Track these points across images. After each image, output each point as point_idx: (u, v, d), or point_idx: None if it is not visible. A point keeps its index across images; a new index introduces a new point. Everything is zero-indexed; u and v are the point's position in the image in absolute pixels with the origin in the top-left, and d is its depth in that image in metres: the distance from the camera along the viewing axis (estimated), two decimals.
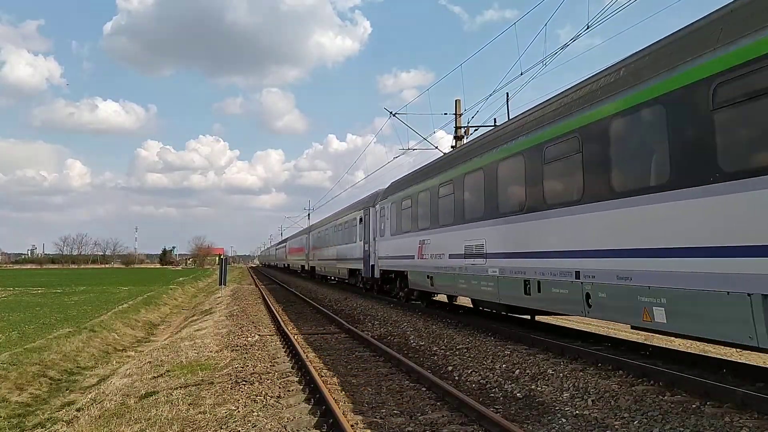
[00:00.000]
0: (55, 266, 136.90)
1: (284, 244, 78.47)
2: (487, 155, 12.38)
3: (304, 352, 10.75)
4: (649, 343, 10.70)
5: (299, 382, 8.57)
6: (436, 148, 24.75)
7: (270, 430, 6.35)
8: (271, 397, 7.76)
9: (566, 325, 13.16)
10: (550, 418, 6.53)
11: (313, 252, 44.55)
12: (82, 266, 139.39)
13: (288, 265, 71.21)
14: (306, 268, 49.57)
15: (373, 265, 23.30)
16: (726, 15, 6.46)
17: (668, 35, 7.50)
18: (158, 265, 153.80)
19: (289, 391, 8.10)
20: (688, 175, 6.63)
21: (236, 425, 6.59)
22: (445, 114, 24.51)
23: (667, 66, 7.07)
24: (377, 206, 22.72)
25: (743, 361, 9.03)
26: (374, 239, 23.04)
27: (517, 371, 8.86)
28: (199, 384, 9.04)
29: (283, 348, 11.99)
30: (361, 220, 25.71)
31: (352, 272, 28.39)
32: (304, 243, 51.38)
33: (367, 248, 24.39)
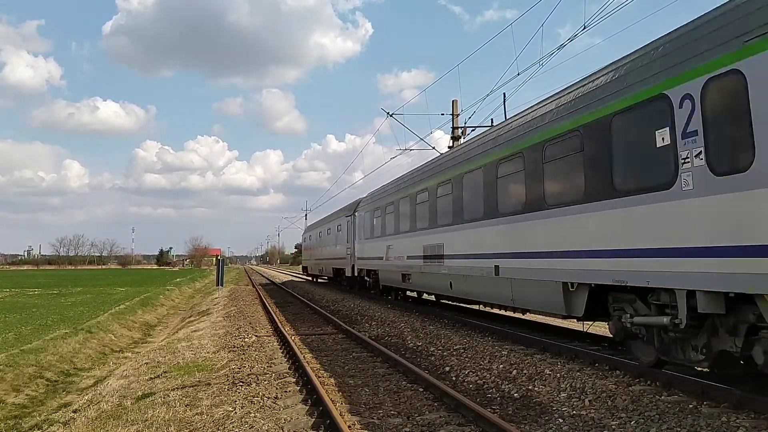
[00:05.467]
0: (52, 267, 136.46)
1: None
2: (433, 178, 15.46)
3: (301, 353, 10.74)
4: None
5: (296, 383, 8.57)
6: (433, 148, 24.90)
7: (267, 431, 6.34)
8: (269, 398, 7.75)
9: (565, 325, 13.17)
10: (547, 418, 6.53)
11: (305, 252, 47.88)
12: (79, 267, 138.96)
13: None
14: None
15: (353, 265, 26.52)
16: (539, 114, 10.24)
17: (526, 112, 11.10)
18: (155, 266, 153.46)
19: (286, 392, 8.10)
20: (533, 205, 10.06)
21: (233, 426, 6.58)
22: (443, 114, 24.61)
23: (525, 131, 10.50)
24: (356, 214, 26.11)
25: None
26: (354, 242, 26.23)
27: (515, 371, 8.86)
28: (196, 385, 9.02)
29: (280, 349, 11.98)
30: (345, 225, 28.58)
31: (337, 271, 31.49)
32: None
33: (349, 250, 27.51)
